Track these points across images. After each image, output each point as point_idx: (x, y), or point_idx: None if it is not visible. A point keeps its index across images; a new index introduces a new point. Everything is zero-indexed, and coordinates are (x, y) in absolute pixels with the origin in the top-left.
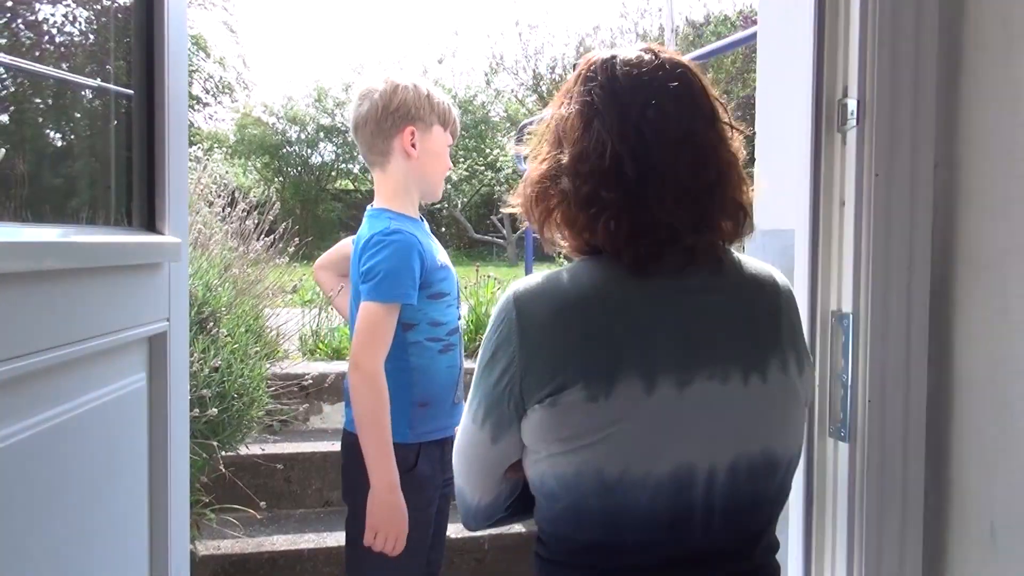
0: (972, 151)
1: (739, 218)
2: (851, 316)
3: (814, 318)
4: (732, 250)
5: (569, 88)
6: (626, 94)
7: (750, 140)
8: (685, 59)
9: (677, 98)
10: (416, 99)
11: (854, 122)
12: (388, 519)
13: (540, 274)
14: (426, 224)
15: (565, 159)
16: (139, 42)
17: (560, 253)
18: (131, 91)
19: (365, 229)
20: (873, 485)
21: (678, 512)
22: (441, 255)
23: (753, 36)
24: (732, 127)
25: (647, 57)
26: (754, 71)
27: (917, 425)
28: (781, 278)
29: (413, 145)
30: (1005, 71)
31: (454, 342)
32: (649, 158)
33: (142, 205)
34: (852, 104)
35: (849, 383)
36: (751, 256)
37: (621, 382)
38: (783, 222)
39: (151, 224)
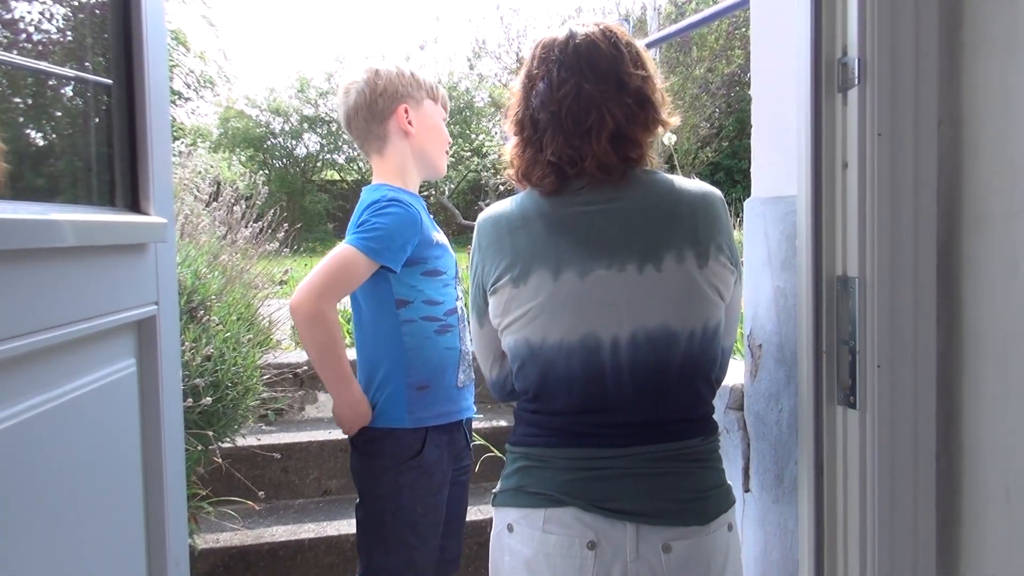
0: (976, 107)
1: (629, 147)
2: (857, 280)
3: (819, 283)
4: (651, 171)
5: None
6: (534, 68)
7: (742, 109)
8: (599, 31)
9: (567, 62)
10: (400, 78)
11: (855, 81)
12: (351, 417)
13: (500, 202)
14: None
15: (510, 123)
16: (117, 21)
17: None
18: (110, 81)
19: (365, 198)
20: (885, 451)
21: (591, 370)
22: (438, 234)
23: (744, 1)
24: (636, 74)
25: (561, 36)
26: (737, 48)
27: (927, 389)
28: (699, 190)
29: (410, 123)
30: (1009, 23)
31: (452, 323)
32: (537, 115)
33: (125, 185)
34: (852, 63)
35: (858, 348)
36: (750, 222)
37: (534, 273)
38: (783, 189)
39: (135, 204)
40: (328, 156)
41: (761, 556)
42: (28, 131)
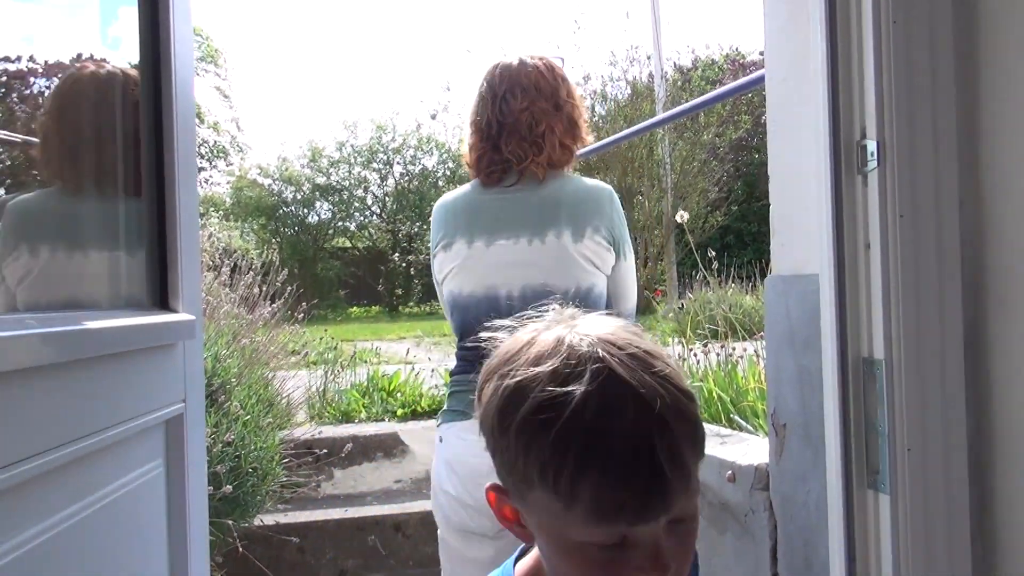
0: (997, 187)
1: (564, 152)
2: (884, 362)
3: (844, 365)
4: (564, 174)
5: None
6: (496, 84)
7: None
8: (543, 61)
9: (523, 85)
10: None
11: (875, 163)
12: None
13: (451, 191)
14: None
15: (469, 125)
16: (147, 114)
17: None
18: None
19: None
20: (919, 538)
21: (492, 316)
22: None
23: (757, 81)
24: (568, 101)
25: (515, 62)
26: (744, 113)
27: (960, 472)
28: (588, 188)
29: (516, 521)
30: None
31: None
32: (504, 120)
33: (154, 282)
34: (872, 145)
35: (887, 431)
36: (772, 299)
37: (457, 242)
38: (805, 267)
39: (164, 302)
40: (340, 224)
41: None
42: None
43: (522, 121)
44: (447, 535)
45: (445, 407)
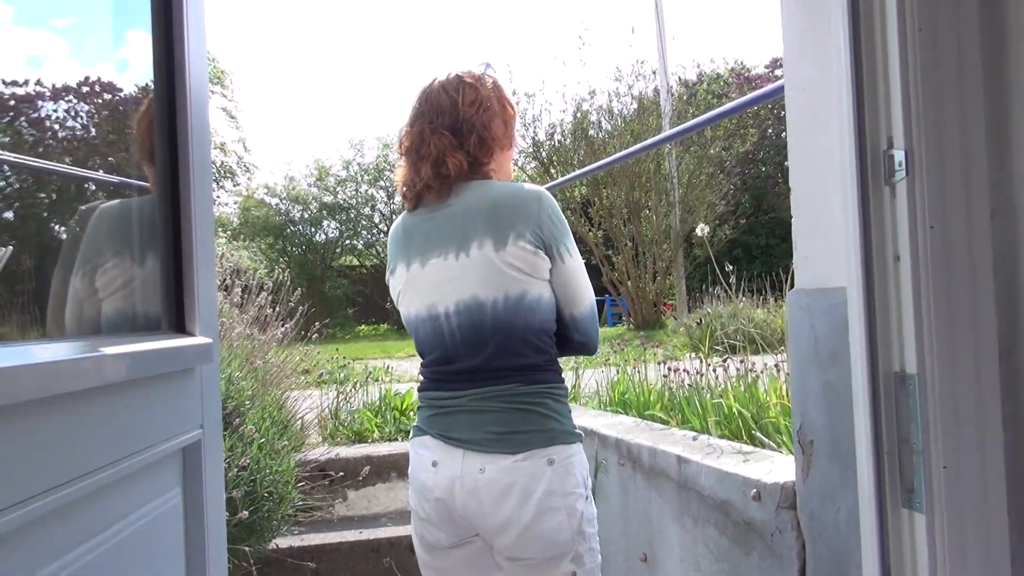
0: None
1: (442, 168)
2: (917, 377)
3: (875, 380)
4: (486, 181)
5: None
6: (410, 112)
7: (757, 186)
8: (447, 81)
9: (419, 113)
10: None
11: (903, 173)
12: None
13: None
14: None
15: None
16: (161, 137)
17: None
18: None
19: None
20: (956, 558)
21: (437, 334)
22: None
23: (775, 92)
24: (466, 110)
25: (438, 80)
26: (751, 126)
27: (998, 488)
28: (512, 192)
29: None
30: None
31: None
32: (412, 143)
33: (170, 306)
34: (899, 155)
35: (921, 448)
36: (795, 314)
37: (399, 266)
38: (831, 280)
39: (181, 326)
40: (347, 242)
41: None
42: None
43: (439, 143)
44: (416, 546)
45: (415, 422)
